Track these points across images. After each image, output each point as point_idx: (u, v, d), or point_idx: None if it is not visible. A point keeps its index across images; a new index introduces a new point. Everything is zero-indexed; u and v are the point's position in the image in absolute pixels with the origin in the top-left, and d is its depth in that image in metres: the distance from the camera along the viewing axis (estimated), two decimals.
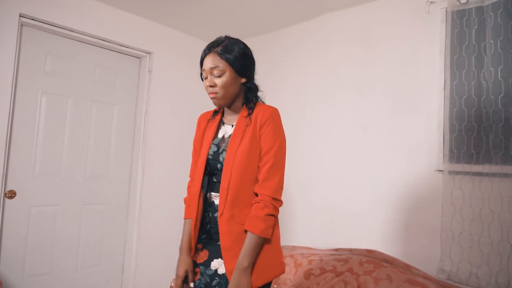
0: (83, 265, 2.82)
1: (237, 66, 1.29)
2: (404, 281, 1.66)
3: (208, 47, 1.32)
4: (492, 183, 1.83)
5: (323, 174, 2.56)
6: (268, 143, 1.26)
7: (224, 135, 1.36)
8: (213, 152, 1.33)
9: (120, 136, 3.00)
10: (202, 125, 1.47)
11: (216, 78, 1.28)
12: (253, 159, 1.26)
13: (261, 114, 1.28)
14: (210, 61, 1.28)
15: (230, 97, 1.31)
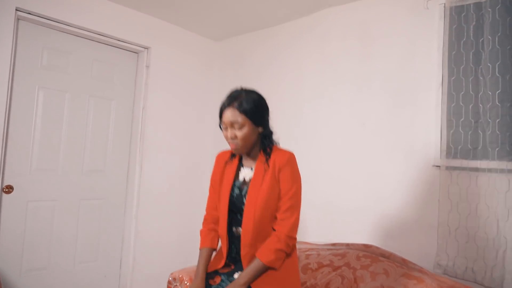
0: (81, 260, 2.82)
1: (255, 118, 1.41)
2: (400, 275, 1.67)
3: (228, 101, 1.43)
4: (488, 179, 1.84)
5: (320, 170, 2.56)
6: (287, 186, 1.39)
7: (245, 177, 1.49)
8: (236, 194, 1.46)
9: (117, 131, 3.00)
10: (220, 164, 1.58)
11: (236, 131, 1.40)
12: (273, 200, 1.39)
13: (279, 159, 1.41)
14: (230, 115, 1.40)
15: (249, 146, 1.44)
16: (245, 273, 1.33)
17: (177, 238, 3.22)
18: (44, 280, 2.63)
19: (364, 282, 1.72)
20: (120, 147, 3.02)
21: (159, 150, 3.08)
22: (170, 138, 3.16)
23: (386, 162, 2.25)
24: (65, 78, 2.70)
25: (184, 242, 3.26)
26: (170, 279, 1.80)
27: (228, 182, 1.49)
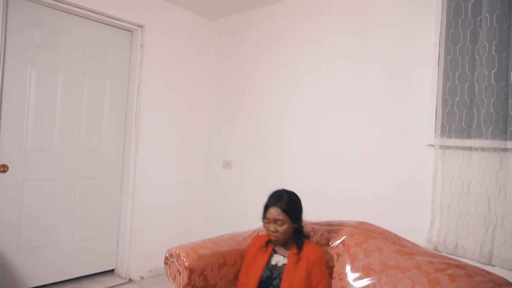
0: (79, 238, 2.85)
1: (293, 218, 1.73)
2: (393, 251, 1.71)
3: (273, 201, 1.75)
4: (481, 157, 1.86)
5: (315, 148, 2.58)
6: (318, 278, 1.66)
7: (277, 263, 1.75)
8: (267, 276, 1.71)
9: (112, 111, 2.98)
10: (254, 248, 1.84)
11: (278, 226, 1.70)
12: (306, 285, 1.64)
13: (312, 254, 1.69)
14: (275, 213, 1.71)
15: (286, 238, 1.73)
16: None
17: (174, 216, 3.25)
18: (42, 257, 2.66)
19: (358, 259, 1.76)
20: (115, 126, 3.00)
21: (154, 129, 3.08)
22: (166, 117, 3.15)
23: (381, 141, 2.26)
24: (58, 56, 2.66)
25: (181, 220, 3.30)
26: (167, 255, 1.83)
27: (260, 264, 1.75)
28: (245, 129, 3.10)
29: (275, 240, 1.72)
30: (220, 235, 2.07)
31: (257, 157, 2.98)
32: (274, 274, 1.70)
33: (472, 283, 1.45)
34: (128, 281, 2.98)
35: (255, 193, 2.97)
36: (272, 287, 1.68)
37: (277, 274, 1.70)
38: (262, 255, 1.79)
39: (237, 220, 3.01)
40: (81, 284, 2.83)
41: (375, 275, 1.66)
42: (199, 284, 1.77)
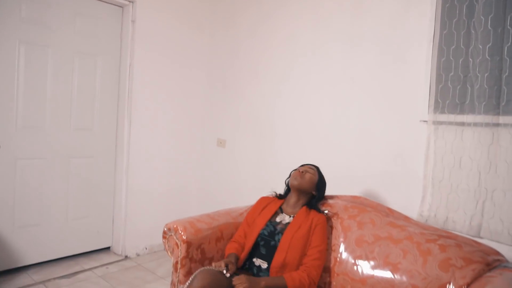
0: (74, 216, 2.86)
1: (319, 182, 1.90)
2: (386, 224, 1.75)
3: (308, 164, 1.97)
4: (473, 133, 1.89)
5: (309, 126, 2.59)
6: (318, 241, 1.71)
7: (282, 221, 1.81)
8: (270, 231, 1.76)
9: (104, 88, 2.94)
10: (261, 205, 1.92)
11: (307, 173, 1.85)
12: (305, 246, 1.70)
13: (316, 218, 1.76)
14: (309, 167, 1.90)
15: (304, 188, 1.84)
16: (269, 278, 1.60)
17: (169, 194, 3.27)
18: (38, 236, 2.67)
19: (351, 231, 1.80)
20: (108, 104, 2.97)
21: (147, 107, 3.05)
22: (159, 96, 3.12)
23: (375, 118, 2.27)
24: (47, 32, 2.60)
25: (176, 199, 3.32)
26: (165, 230, 1.85)
27: (264, 218, 1.81)
28: (240, 108, 3.09)
29: (300, 177, 1.81)
30: (217, 210, 2.09)
31: (251, 135, 2.98)
32: (277, 230, 1.75)
33: (462, 252, 1.50)
34: (124, 258, 3.02)
35: (249, 171, 2.99)
36: (273, 241, 1.72)
37: (280, 229, 1.75)
38: (268, 211, 1.85)
39: (231, 198, 3.04)
40: (77, 261, 2.86)
41: (368, 246, 1.70)
42: (196, 256, 1.80)
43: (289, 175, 1.95)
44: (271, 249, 1.72)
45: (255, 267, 1.73)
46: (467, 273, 1.41)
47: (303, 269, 1.64)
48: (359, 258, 1.69)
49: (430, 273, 1.48)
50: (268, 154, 2.85)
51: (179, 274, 1.76)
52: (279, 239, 1.72)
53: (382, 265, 1.61)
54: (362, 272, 1.65)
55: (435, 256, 1.51)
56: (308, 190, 1.85)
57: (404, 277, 1.53)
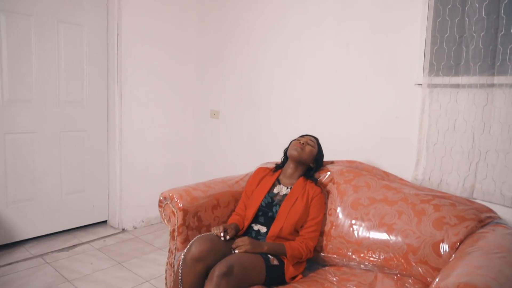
0: (68, 191, 2.84)
1: (318, 153, 1.90)
2: (381, 186, 1.76)
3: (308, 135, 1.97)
4: (468, 94, 1.88)
5: (304, 95, 2.56)
6: (315, 213, 1.73)
7: (279, 192, 1.81)
8: (268, 203, 1.77)
9: (92, 60, 2.85)
10: (258, 177, 1.92)
11: (307, 145, 1.84)
12: (302, 218, 1.70)
13: (313, 190, 1.76)
14: (311, 138, 1.90)
15: (303, 159, 1.82)
16: (271, 244, 1.62)
17: (163, 167, 3.25)
18: (33, 210, 2.66)
19: (347, 195, 1.81)
20: (97, 76, 2.90)
21: (138, 79, 2.98)
22: (150, 67, 3.05)
23: (369, 83, 2.25)
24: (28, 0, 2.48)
25: (171, 171, 3.31)
26: (161, 198, 1.85)
27: (262, 190, 1.82)
28: (233, 78, 3.03)
29: (301, 148, 1.80)
30: (213, 179, 2.09)
31: (245, 105, 2.95)
32: (275, 201, 1.76)
33: (455, 210, 1.52)
34: (121, 231, 3.03)
35: (244, 142, 2.98)
36: (271, 212, 1.73)
37: (278, 201, 1.76)
38: (266, 183, 1.85)
39: (227, 169, 3.03)
40: (74, 235, 2.87)
41: (363, 208, 1.72)
42: (193, 224, 1.81)
43: (289, 145, 1.93)
44: (269, 219, 1.74)
45: (253, 231, 1.75)
46: (460, 230, 1.44)
47: (301, 240, 1.67)
48: (355, 221, 1.72)
49: (424, 231, 1.51)
50: (263, 124, 2.83)
51: (176, 241, 1.77)
52: (276, 210, 1.73)
53: (378, 226, 1.64)
54: (358, 234, 1.68)
55: (429, 215, 1.54)
56: (307, 162, 1.85)
57: (399, 237, 1.56)
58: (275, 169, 1.95)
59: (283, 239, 1.68)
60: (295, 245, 1.64)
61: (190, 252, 1.50)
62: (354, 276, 1.51)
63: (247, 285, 1.45)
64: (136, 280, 2.27)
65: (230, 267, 1.39)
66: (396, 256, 1.54)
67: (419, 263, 1.48)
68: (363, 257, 1.63)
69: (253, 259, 1.51)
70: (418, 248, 1.49)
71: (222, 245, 1.57)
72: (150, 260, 2.55)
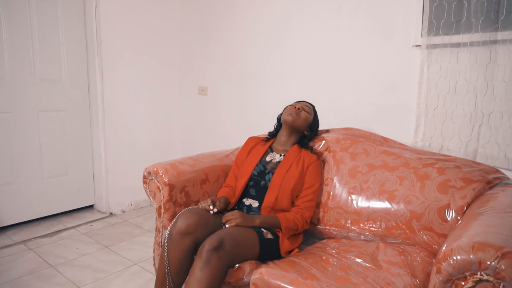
0: (50, 174, 2.70)
1: (314, 120, 1.78)
2: (380, 152, 1.65)
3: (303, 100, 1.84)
4: (470, 53, 1.77)
5: (295, 63, 2.43)
6: (311, 181, 1.60)
7: (272, 160, 1.69)
8: (260, 171, 1.65)
9: (69, 34, 2.67)
10: (249, 146, 1.80)
11: (303, 111, 1.71)
12: (297, 186, 1.58)
13: (308, 157, 1.65)
14: (306, 105, 1.77)
15: (298, 127, 1.71)
16: (263, 217, 1.50)
17: (151, 147, 3.12)
18: (13, 195, 2.52)
19: (344, 163, 1.70)
20: (75, 52, 2.72)
21: (120, 54, 2.81)
22: (131, 42, 2.87)
23: (363, 47, 2.12)
24: None
25: (159, 151, 3.17)
26: (145, 174, 1.72)
27: (254, 159, 1.69)
28: (220, 51, 2.88)
29: (296, 113, 1.68)
30: (201, 153, 1.97)
31: (234, 79, 2.81)
32: (268, 169, 1.64)
33: (461, 173, 1.42)
34: (109, 215, 2.91)
35: (233, 116, 2.84)
36: (263, 181, 1.62)
37: (271, 169, 1.64)
38: (257, 151, 1.73)
39: (217, 146, 2.90)
40: (59, 220, 2.74)
41: (362, 176, 1.61)
42: (181, 200, 1.69)
43: (283, 110, 1.79)
44: (261, 189, 1.62)
45: (245, 207, 1.64)
46: (467, 193, 1.34)
47: (297, 211, 1.56)
48: (353, 189, 1.61)
49: (429, 196, 1.41)
50: (253, 96, 2.70)
51: (163, 219, 1.66)
52: (269, 178, 1.61)
53: (378, 194, 1.53)
54: (357, 203, 1.57)
55: (433, 179, 1.43)
56: (301, 129, 1.73)
57: (401, 204, 1.46)
58: (267, 138, 1.83)
59: (279, 211, 1.57)
60: (290, 216, 1.53)
61: (176, 226, 1.39)
62: (354, 247, 1.41)
63: (239, 260, 1.35)
64: (124, 263, 2.16)
65: (221, 241, 1.28)
66: (399, 224, 1.44)
67: (423, 230, 1.38)
68: (363, 228, 1.53)
69: (246, 233, 1.40)
70: (422, 215, 1.39)
71: (211, 219, 1.45)
72: (139, 242, 2.43)
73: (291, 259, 1.37)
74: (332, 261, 1.31)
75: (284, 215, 1.52)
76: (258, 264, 1.35)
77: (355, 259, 1.31)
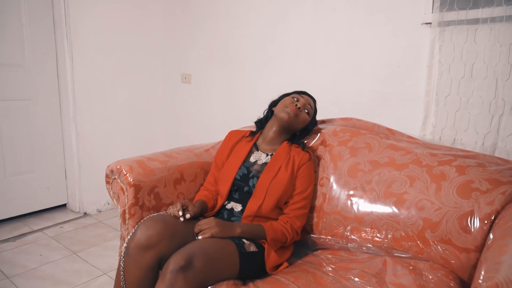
0: (14, 171, 2.42)
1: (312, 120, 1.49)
2: (386, 147, 1.39)
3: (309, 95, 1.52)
4: (490, 31, 1.51)
5: (288, 46, 2.16)
6: (303, 185, 1.35)
7: (257, 161, 1.41)
8: (243, 174, 1.38)
9: (33, 14, 2.37)
10: (231, 142, 1.50)
11: (304, 111, 1.43)
12: (286, 192, 1.33)
13: (299, 156, 1.37)
14: (310, 102, 1.47)
15: (293, 127, 1.42)
16: (246, 225, 1.25)
17: (131, 140, 2.84)
18: None
19: (343, 159, 1.44)
20: (41, 34, 2.42)
21: (92, 37, 2.52)
22: (107, 24, 2.58)
23: (364, 27, 1.86)
24: None
25: (140, 144, 2.89)
26: (107, 172, 1.46)
27: (236, 160, 1.42)
28: (205, 35, 2.59)
29: (294, 115, 1.38)
30: (176, 147, 1.70)
31: (221, 66, 2.53)
32: (252, 173, 1.37)
33: (486, 172, 1.16)
34: (82, 215, 2.64)
35: (221, 106, 2.57)
36: (247, 187, 1.35)
37: (256, 172, 1.37)
38: (240, 150, 1.45)
39: (204, 139, 2.64)
40: (25, 222, 2.46)
41: (364, 175, 1.35)
42: (149, 203, 1.42)
43: (278, 98, 1.50)
44: (245, 195, 1.36)
45: (225, 211, 1.37)
46: (496, 197, 1.08)
47: (286, 220, 1.30)
48: (353, 191, 1.35)
49: (446, 201, 1.15)
50: (242, 83, 2.42)
51: (128, 226, 1.40)
52: (253, 184, 1.34)
53: (383, 197, 1.28)
54: (358, 207, 1.32)
55: (451, 180, 1.18)
56: (295, 130, 1.46)
57: (412, 210, 1.20)
58: (252, 132, 1.53)
59: (264, 219, 1.31)
60: (278, 226, 1.27)
61: (134, 238, 1.13)
62: (355, 263, 1.15)
63: (214, 281, 1.08)
64: (91, 272, 1.90)
65: (189, 258, 1.02)
66: (409, 235, 1.19)
67: (439, 243, 1.13)
68: (365, 237, 1.27)
69: (222, 245, 1.13)
70: (438, 224, 1.14)
71: (180, 229, 1.19)
72: (112, 248, 2.17)
73: (277, 279, 1.11)
74: (328, 283, 1.05)
75: (271, 224, 1.27)
76: (237, 286, 1.09)
77: (357, 279, 1.06)
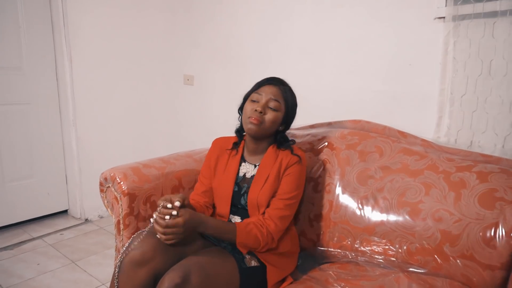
0: (12, 177, 2.36)
1: (288, 113, 1.28)
2: (398, 151, 1.29)
3: (273, 80, 1.29)
4: (510, 24, 1.40)
5: (291, 44, 2.06)
6: (288, 187, 1.21)
7: (246, 174, 1.30)
8: (234, 192, 1.27)
9: (31, 17, 2.30)
10: (215, 153, 1.36)
11: (268, 109, 1.23)
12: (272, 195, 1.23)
13: (286, 159, 1.24)
14: (272, 92, 1.24)
15: (266, 134, 1.26)
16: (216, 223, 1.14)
17: (131, 144, 2.77)
18: None
19: (351, 164, 1.34)
20: (39, 36, 2.36)
21: (92, 38, 2.45)
22: (107, 25, 2.50)
23: (371, 23, 1.76)
24: None
25: (141, 148, 2.82)
26: (101, 180, 1.39)
27: (229, 176, 1.29)
28: (209, 34, 2.51)
29: (255, 125, 1.20)
30: (175, 153, 1.62)
31: (225, 66, 2.44)
32: (243, 189, 1.26)
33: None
34: (84, 222, 2.57)
35: (225, 110, 2.49)
36: (240, 205, 1.26)
37: (246, 188, 1.26)
38: (230, 165, 1.31)
39: (206, 143, 2.56)
40: (25, 229, 2.40)
41: (375, 183, 1.25)
42: (145, 213, 1.34)
43: (242, 102, 1.32)
44: (241, 210, 1.27)
45: None
46: None
47: (262, 223, 1.17)
48: (363, 200, 1.25)
49: (467, 212, 1.05)
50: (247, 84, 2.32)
51: (122, 237, 1.32)
52: (245, 201, 1.25)
53: (396, 206, 1.17)
54: (369, 217, 1.22)
55: (472, 188, 1.07)
56: (270, 133, 1.28)
57: (428, 221, 1.10)
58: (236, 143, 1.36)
59: None
60: (253, 229, 1.15)
61: (128, 253, 1.05)
62: (366, 280, 1.05)
63: None
64: (89, 283, 1.83)
65: (185, 275, 0.94)
66: (425, 248, 1.08)
67: (460, 258, 1.02)
68: (376, 251, 1.17)
69: (220, 260, 1.05)
70: (458, 237, 1.03)
71: (176, 243, 1.10)
72: (112, 256, 2.09)
73: None
74: None
75: (245, 226, 1.15)
76: None
77: None
